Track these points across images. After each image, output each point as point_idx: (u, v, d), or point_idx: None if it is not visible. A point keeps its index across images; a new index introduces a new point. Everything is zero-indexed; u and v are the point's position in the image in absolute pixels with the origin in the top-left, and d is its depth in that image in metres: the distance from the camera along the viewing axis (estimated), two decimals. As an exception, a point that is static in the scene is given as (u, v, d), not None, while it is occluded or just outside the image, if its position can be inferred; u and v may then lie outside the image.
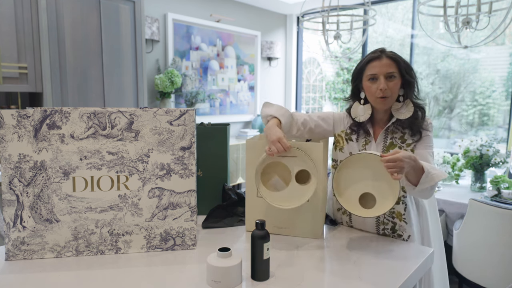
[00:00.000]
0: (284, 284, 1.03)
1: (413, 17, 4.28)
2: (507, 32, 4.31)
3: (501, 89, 4.46)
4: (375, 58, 1.35)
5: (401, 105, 1.37)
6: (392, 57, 1.34)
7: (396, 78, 1.33)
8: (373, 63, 1.35)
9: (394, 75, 1.33)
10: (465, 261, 2.20)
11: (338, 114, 1.50)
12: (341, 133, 1.48)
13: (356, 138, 1.44)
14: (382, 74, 1.33)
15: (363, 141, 1.44)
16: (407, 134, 1.38)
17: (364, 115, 1.41)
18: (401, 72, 1.34)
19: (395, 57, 1.35)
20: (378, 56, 1.35)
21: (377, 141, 1.42)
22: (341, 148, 1.48)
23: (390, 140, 1.40)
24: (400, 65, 1.34)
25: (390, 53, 1.36)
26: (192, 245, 1.26)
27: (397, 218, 1.40)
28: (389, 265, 1.15)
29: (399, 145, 1.39)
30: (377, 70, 1.34)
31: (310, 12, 4.46)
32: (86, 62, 2.81)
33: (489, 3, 2.36)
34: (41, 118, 1.13)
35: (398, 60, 1.34)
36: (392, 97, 1.34)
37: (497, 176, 2.46)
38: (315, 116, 1.49)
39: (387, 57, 1.34)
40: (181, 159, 1.22)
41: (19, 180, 1.14)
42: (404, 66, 1.34)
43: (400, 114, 1.37)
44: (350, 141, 1.46)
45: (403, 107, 1.37)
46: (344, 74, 6.96)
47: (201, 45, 4.17)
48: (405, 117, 1.35)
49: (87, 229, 1.19)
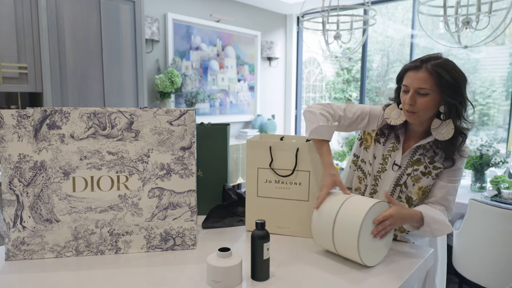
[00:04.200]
0: (284, 284, 1.03)
1: (413, 17, 4.28)
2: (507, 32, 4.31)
3: (501, 89, 4.45)
4: (412, 68, 1.21)
5: (440, 123, 1.23)
6: (431, 70, 1.17)
7: (430, 95, 1.19)
8: (409, 73, 1.22)
9: (427, 92, 1.18)
10: (465, 261, 2.20)
11: (374, 111, 1.37)
12: (372, 132, 1.39)
13: (384, 141, 1.35)
14: (413, 88, 1.20)
15: (390, 147, 1.34)
16: (438, 156, 1.27)
17: (398, 119, 1.29)
18: (440, 90, 1.18)
19: (437, 71, 1.17)
20: (416, 66, 1.20)
21: (404, 153, 1.32)
22: (367, 147, 1.40)
23: (419, 156, 1.30)
24: (440, 81, 1.17)
25: (432, 65, 1.18)
26: (192, 245, 1.26)
27: (398, 230, 1.35)
28: (389, 265, 1.15)
29: (425, 164, 1.29)
30: (409, 82, 1.21)
31: (310, 12, 4.46)
32: (86, 62, 2.81)
33: (489, 3, 2.36)
34: (41, 118, 1.13)
35: (439, 75, 1.16)
36: (420, 114, 1.22)
37: (497, 176, 2.46)
38: (350, 113, 1.37)
39: (426, 70, 1.18)
40: (181, 159, 1.22)
41: (19, 180, 1.14)
42: (445, 84, 1.16)
43: (439, 134, 1.23)
44: (377, 143, 1.37)
45: (443, 126, 1.22)
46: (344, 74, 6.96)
47: (201, 45, 4.17)
48: (443, 139, 1.22)
49: (87, 229, 1.19)
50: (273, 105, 5.18)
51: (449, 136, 1.21)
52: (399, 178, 1.32)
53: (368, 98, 4.87)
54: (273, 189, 1.39)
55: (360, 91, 4.80)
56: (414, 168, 1.30)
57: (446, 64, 1.18)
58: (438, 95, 1.19)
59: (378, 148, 1.36)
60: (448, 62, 1.19)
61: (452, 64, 1.20)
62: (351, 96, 6.43)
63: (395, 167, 1.32)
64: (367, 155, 1.39)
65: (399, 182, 1.33)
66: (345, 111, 1.36)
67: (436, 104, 1.21)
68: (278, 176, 1.38)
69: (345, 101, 6.74)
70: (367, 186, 1.40)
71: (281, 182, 1.38)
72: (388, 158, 1.34)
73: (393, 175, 1.33)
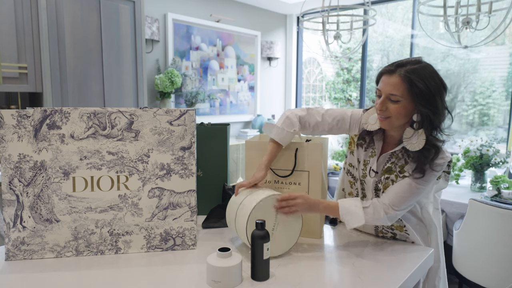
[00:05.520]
0: (284, 284, 1.03)
1: (413, 17, 4.28)
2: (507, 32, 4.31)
3: (501, 89, 4.46)
4: (386, 72, 1.16)
5: (413, 133, 1.17)
6: (404, 77, 1.11)
7: (401, 102, 1.13)
8: (383, 77, 1.17)
9: (398, 99, 1.13)
10: (465, 261, 2.20)
11: (355, 115, 1.34)
12: (354, 136, 1.37)
13: (366, 146, 1.32)
14: (385, 93, 1.15)
15: (370, 152, 1.32)
16: (409, 165, 1.22)
17: (374, 124, 1.24)
18: (412, 97, 1.12)
19: (410, 78, 1.10)
20: (389, 71, 1.15)
21: (379, 159, 1.29)
22: (351, 151, 1.39)
23: (390, 165, 1.27)
24: (412, 89, 1.11)
25: (406, 71, 1.12)
26: (192, 245, 1.26)
27: (396, 229, 1.35)
28: (389, 265, 1.15)
29: (396, 173, 1.25)
30: (382, 86, 1.17)
31: (310, 12, 4.46)
32: (86, 62, 2.81)
33: (489, 3, 2.36)
34: (41, 118, 1.13)
35: (411, 82, 1.10)
36: (393, 121, 1.18)
37: (497, 176, 2.46)
38: (330, 118, 1.34)
39: (399, 76, 1.12)
40: (181, 159, 1.22)
41: (19, 180, 1.14)
42: (418, 92, 1.10)
43: (409, 143, 1.17)
44: (360, 147, 1.35)
45: (414, 136, 1.16)
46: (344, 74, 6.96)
47: (201, 45, 4.17)
48: (413, 149, 1.16)
49: (87, 229, 1.19)
50: (273, 105, 5.18)
51: (419, 147, 1.14)
52: (377, 184, 1.31)
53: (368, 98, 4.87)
54: (274, 189, 1.38)
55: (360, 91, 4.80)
56: (385, 177, 1.28)
57: (422, 70, 1.11)
58: (411, 103, 1.13)
59: (361, 152, 1.35)
60: (425, 69, 1.13)
61: (430, 70, 1.13)
62: (351, 96, 6.44)
63: (372, 173, 1.31)
64: (353, 159, 1.38)
65: (377, 188, 1.31)
66: (323, 116, 1.34)
67: (408, 112, 1.15)
68: (277, 176, 1.38)
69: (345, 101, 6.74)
70: (358, 190, 1.39)
71: (280, 182, 1.38)
72: (368, 163, 1.32)
73: (372, 181, 1.31)
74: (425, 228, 1.34)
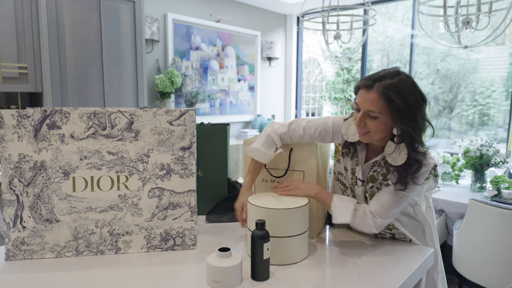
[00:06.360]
0: (284, 284, 1.03)
1: (413, 17, 4.28)
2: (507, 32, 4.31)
3: (501, 89, 4.46)
4: (364, 87, 1.12)
5: (394, 148, 1.14)
6: (381, 93, 1.08)
7: (380, 118, 1.10)
8: (361, 91, 1.13)
9: (376, 116, 1.10)
10: (465, 261, 2.20)
11: (337, 124, 1.29)
12: (339, 145, 1.35)
13: (352, 155, 1.30)
14: (363, 109, 1.12)
15: (355, 162, 1.30)
16: (391, 174, 1.20)
17: (355, 135, 1.22)
18: (391, 114, 1.09)
19: (387, 94, 1.07)
20: (367, 85, 1.11)
21: (363, 168, 1.28)
22: (338, 159, 1.37)
23: (372, 173, 1.25)
24: (390, 105, 1.07)
25: (383, 86, 1.08)
26: (192, 245, 1.26)
27: (394, 229, 1.34)
28: (389, 265, 1.15)
29: (380, 181, 1.24)
30: (360, 101, 1.13)
31: (310, 12, 4.46)
32: (86, 62, 2.81)
33: (489, 3, 2.36)
34: (41, 118, 1.13)
35: (389, 98, 1.07)
36: (372, 136, 1.15)
37: (497, 176, 2.46)
38: (312, 130, 1.29)
39: (377, 92, 1.08)
40: (181, 159, 1.22)
41: (19, 180, 1.14)
42: (396, 108, 1.07)
43: (391, 158, 1.15)
44: (346, 156, 1.32)
45: (396, 151, 1.14)
46: (344, 74, 6.97)
47: (201, 45, 4.17)
48: (395, 164, 1.14)
49: (87, 229, 1.19)
50: (273, 105, 5.18)
51: (401, 162, 1.12)
52: (365, 192, 1.30)
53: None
54: (269, 188, 1.39)
55: (360, 91, 4.80)
56: (370, 185, 1.27)
57: (399, 85, 1.07)
58: (390, 119, 1.10)
59: (347, 161, 1.32)
60: (403, 83, 1.08)
61: (408, 85, 1.09)
62: (351, 96, 6.44)
63: (359, 182, 1.30)
64: (340, 167, 1.36)
65: (366, 195, 1.31)
66: (305, 129, 1.29)
67: (388, 127, 1.13)
68: (272, 176, 1.39)
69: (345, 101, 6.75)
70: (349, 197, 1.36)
71: (277, 182, 1.39)
72: (355, 172, 1.31)
73: (360, 190, 1.31)
74: (419, 226, 1.35)
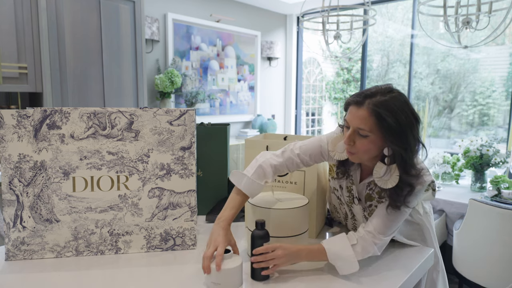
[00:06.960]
0: (284, 284, 1.03)
1: (413, 17, 4.28)
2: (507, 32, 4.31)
3: (501, 89, 4.46)
4: (354, 104, 1.05)
5: (385, 170, 1.06)
6: (372, 111, 1.01)
7: (370, 137, 1.03)
8: (351, 107, 1.06)
9: (366, 134, 1.03)
10: (465, 261, 2.20)
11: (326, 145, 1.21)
12: (332, 165, 1.30)
13: (347, 175, 1.24)
14: (353, 127, 1.05)
15: (350, 181, 1.24)
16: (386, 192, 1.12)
17: (343, 153, 1.14)
18: (381, 133, 1.02)
19: (378, 112, 1.00)
20: (357, 102, 1.04)
21: (359, 187, 1.22)
22: (332, 176, 1.32)
23: (368, 192, 1.21)
24: (381, 123, 1.00)
25: (374, 104, 1.01)
26: (192, 245, 1.26)
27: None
28: (389, 265, 1.15)
29: (377, 199, 1.19)
30: (349, 118, 1.06)
31: (310, 12, 4.46)
32: (86, 62, 2.81)
33: (489, 3, 2.36)
34: (41, 118, 1.13)
35: (380, 117, 1.00)
36: (360, 156, 1.09)
37: (497, 176, 2.46)
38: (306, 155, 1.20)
39: (367, 109, 1.01)
40: (181, 159, 1.22)
41: (19, 180, 1.14)
42: (387, 127, 1.00)
43: (381, 180, 1.07)
44: (340, 174, 1.25)
45: (387, 173, 1.06)
46: (344, 74, 6.97)
47: (201, 45, 4.17)
48: (385, 187, 1.06)
49: (87, 229, 1.19)
50: (273, 105, 5.18)
51: (392, 184, 1.05)
52: (364, 210, 1.26)
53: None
54: (269, 188, 1.39)
55: (360, 91, 4.80)
56: (368, 204, 1.24)
57: (391, 103, 1.01)
58: (380, 138, 1.03)
59: (342, 180, 1.27)
60: (395, 100, 1.02)
61: (401, 103, 1.02)
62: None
63: (356, 200, 1.26)
64: (336, 184, 1.31)
65: (365, 214, 1.27)
66: (300, 157, 1.20)
67: (378, 147, 1.06)
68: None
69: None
70: (346, 211, 1.35)
71: (278, 181, 1.39)
72: (351, 190, 1.27)
73: (359, 208, 1.26)
74: (417, 229, 1.34)
